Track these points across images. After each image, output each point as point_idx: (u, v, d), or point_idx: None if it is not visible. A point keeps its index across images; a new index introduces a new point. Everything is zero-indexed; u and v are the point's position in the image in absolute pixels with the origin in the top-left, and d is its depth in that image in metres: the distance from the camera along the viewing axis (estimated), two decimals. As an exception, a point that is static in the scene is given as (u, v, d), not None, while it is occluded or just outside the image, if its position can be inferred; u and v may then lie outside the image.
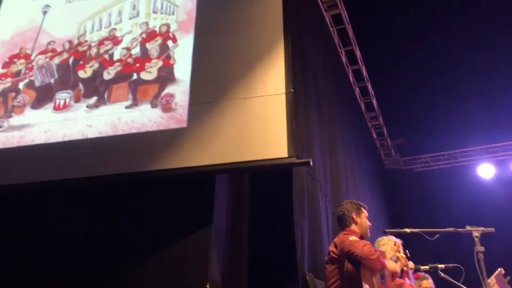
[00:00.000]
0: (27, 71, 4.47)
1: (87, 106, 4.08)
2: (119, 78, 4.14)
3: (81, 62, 4.35)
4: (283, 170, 3.78)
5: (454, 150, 9.00)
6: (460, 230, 3.15)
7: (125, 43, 4.32)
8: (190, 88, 3.86)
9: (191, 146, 3.60)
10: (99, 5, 4.62)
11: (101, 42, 4.41)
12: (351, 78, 7.27)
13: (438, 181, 8.92)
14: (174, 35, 4.21)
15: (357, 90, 7.56)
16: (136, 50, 4.24)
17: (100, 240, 3.73)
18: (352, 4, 6.24)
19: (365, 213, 3.44)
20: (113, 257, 3.64)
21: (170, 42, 4.18)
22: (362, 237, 3.30)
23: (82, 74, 4.28)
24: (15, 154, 4.01)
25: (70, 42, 4.50)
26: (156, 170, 3.59)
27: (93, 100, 4.10)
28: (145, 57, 4.17)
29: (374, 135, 8.87)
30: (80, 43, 4.47)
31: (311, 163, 3.54)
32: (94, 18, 4.59)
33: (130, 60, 4.20)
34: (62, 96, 4.20)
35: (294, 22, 4.19)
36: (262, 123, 3.53)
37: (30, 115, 4.19)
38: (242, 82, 3.74)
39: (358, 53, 6.92)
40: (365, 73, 7.27)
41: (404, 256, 3.40)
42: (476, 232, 3.01)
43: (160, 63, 4.09)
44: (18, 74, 4.50)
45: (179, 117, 3.76)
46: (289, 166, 3.55)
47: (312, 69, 5.02)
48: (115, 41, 4.37)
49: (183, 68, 3.98)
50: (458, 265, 3.42)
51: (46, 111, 4.16)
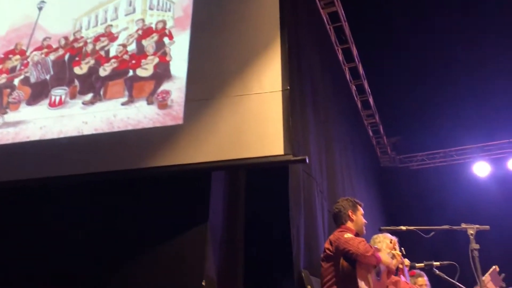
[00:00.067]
0: (23, 67, 4.45)
1: (83, 103, 4.06)
2: (115, 74, 4.13)
3: (76, 59, 4.33)
4: (279, 167, 3.78)
5: (450, 148, 9.04)
6: (455, 227, 3.15)
7: (121, 40, 4.30)
8: (186, 85, 3.85)
9: (187, 143, 3.59)
10: (95, 1, 4.60)
11: (97, 39, 4.39)
12: (348, 76, 7.28)
13: (433, 179, 8.96)
14: (170, 32, 4.19)
15: (353, 88, 7.56)
16: (132, 47, 4.22)
17: (95, 237, 3.72)
18: (349, 2, 6.23)
19: (361, 210, 3.44)
20: (108, 254, 3.63)
21: (166, 39, 4.17)
22: (357, 234, 3.30)
23: (77, 70, 4.27)
24: (10, 151, 4.00)
25: (66, 38, 4.48)
26: (152, 167, 3.59)
27: (88, 96, 4.08)
28: (141, 53, 4.16)
29: (370, 133, 8.88)
30: (76, 40, 4.45)
31: (307, 161, 3.54)
32: (90, 14, 4.57)
33: (126, 56, 4.19)
34: (58, 92, 4.19)
35: (290, 20, 4.18)
36: (258, 121, 3.52)
37: (25, 112, 4.17)
38: (238, 79, 3.73)
39: (355, 51, 6.91)
40: (361, 71, 7.27)
41: (399, 253, 3.41)
42: (471, 229, 3.02)
43: (156, 60, 4.08)
44: (13, 70, 4.48)
45: (175, 114, 3.75)
46: (285, 163, 3.55)
47: (308, 66, 5.01)
48: (111, 37, 4.36)
49: (179, 65, 3.97)
50: (453, 262, 3.43)
51: (42, 108, 4.15)
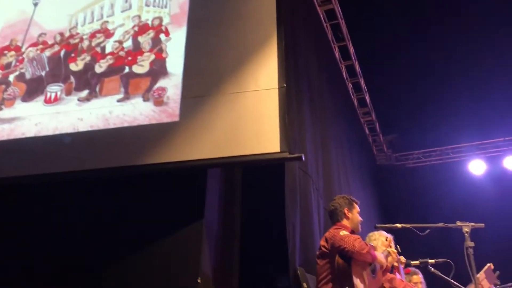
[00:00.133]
0: (18, 64, 4.43)
1: (79, 99, 4.04)
2: (111, 71, 4.11)
3: (72, 55, 4.31)
4: (275, 165, 3.78)
5: (446, 146, 9.05)
6: (450, 225, 3.16)
7: (117, 36, 4.28)
8: (182, 82, 3.84)
9: (183, 140, 3.59)
10: (91, -3, 4.58)
11: (93, 35, 4.37)
12: (344, 74, 7.27)
13: (429, 177, 8.97)
14: (166, 29, 4.18)
15: (350, 86, 7.56)
16: (128, 43, 4.21)
17: (91, 234, 3.71)
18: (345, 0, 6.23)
19: (356, 208, 3.45)
20: (104, 251, 3.63)
21: (162, 36, 4.16)
22: (353, 231, 3.31)
23: (73, 67, 4.25)
24: (5, 147, 3.97)
25: (61, 34, 4.46)
26: (147, 164, 3.58)
27: (84, 93, 4.07)
28: (137, 50, 4.14)
29: (367, 131, 8.89)
30: (71, 36, 4.43)
31: (303, 158, 3.54)
32: (86, 10, 4.54)
33: (122, 53, 4.17)
34: (53, 89, 4.17)
35: (287, 17, 4.18)
36: (254, 118, 3.52)
37: (20, 108, 4.15)
38: (234, 76, 3.73)
39: (352, 48, 6.91)
40: (358, 68, 7.27)
41: (395, 251, 3.43)
42: (466, 227, 3.03)
43: (152, 57, 4.06)
44: (8, 66, 4.45)
45: (171, 111, 3.74)
46: (281, 161, 3.55)
47: (305, 64, 5.01)
48: (107, 34, 4.34)
49: (176, 61, 3.96)
50: (448, 260, 3.44)
51: (37, 104, 4.12)
